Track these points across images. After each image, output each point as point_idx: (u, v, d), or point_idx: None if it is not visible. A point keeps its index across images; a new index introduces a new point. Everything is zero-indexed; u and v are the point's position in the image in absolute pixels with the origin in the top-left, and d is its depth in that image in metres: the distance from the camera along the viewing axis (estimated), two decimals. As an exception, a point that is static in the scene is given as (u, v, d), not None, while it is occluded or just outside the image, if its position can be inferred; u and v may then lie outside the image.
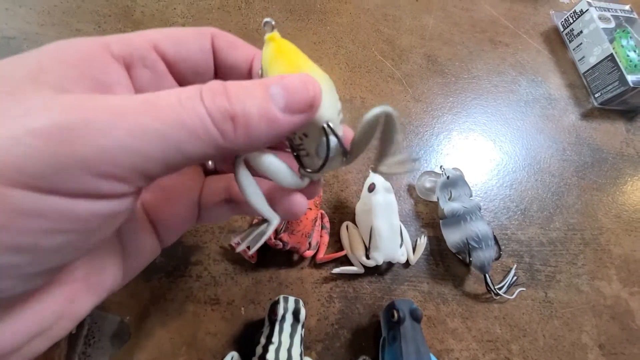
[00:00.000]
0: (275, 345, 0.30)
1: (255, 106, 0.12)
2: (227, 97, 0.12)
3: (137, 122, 0.10)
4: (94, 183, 0.10)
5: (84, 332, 0.31)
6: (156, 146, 0.10)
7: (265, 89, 0.12)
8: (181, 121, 0.11)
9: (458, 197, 0.41)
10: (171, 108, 0.11)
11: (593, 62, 0.59)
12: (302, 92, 0.13)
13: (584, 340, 0.40)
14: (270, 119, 0.12)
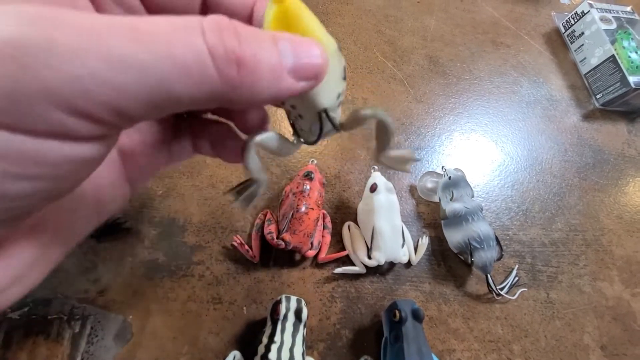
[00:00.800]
0: (277, 345, 0.30)
1: (265, 57, 0.10)
2: (236, 36, 0.10)
3: (117, 48, 0.08)
4: (63, 120, 0.08)
5: (87, 331, 0.32)
6: (138, 80, 0.09)
7: (274, 42, 0.10)
8: (172, 53, 0.09)
9: (460, 198, 0.41)
10: (162, 36, 0.09)
11: (594, 63, 0.59)
12: (312, 58, 0.11)
13: (585, 341, 0.40)
14: (278, 76, 0.11)
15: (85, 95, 0.08)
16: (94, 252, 0.35)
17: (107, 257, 0.35)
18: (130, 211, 0.38)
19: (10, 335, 0.30)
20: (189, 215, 0.39)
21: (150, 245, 0.37)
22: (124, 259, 0.36)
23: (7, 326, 0.31)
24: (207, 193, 0.40)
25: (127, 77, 0.08)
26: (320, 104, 0.14)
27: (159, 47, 0.08)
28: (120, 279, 0.35)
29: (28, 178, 0.09)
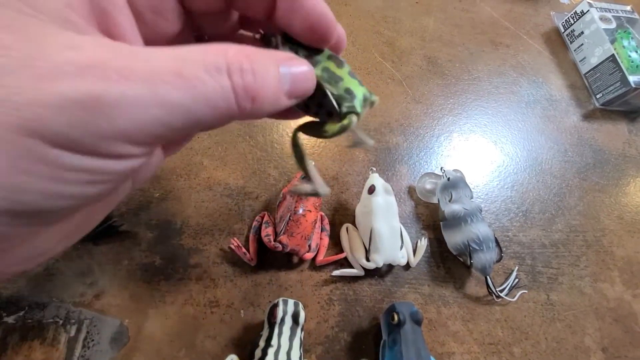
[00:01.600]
0: (274, 348, 0.29)
1: (271, 88, 0.13)
2: (253, 74, 0.13)
3: (170, 97, 0.11)
4: (128, 149, 0.12)
5: (83, 335, 0.32)
6: (182, 119, 0.12)
7: (277, 70, 0.14)
8: (207, 97, 0.12)
9: (459, 199, 0.41)
10: (199, 81, 0.12)
11: (594, 62, 0.59)
12: (304, 84, 0.15)
13: (586, 343, 0.40)
14: (277, 99, 0.14)
15: (145, 133, 0.11)
16: (90, 255, 0.35)
17: (103, 261, 0.35)
18: (127, 214, 0.38)
19: (5, 340, 0.30)
20: (186, 218, 0.39)
21: (147, 248, 0.36)
22: (120, 262, 0.35)
23: (2, 330, 0.31)
24: (204, 195, 0.40)
25: (175, 118, 0.12)
26: None
27: (199, 92, 0.12)
28: (116, 282, 0.34)
29: (101, 183, 0.12)
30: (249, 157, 0.43)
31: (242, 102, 0.12)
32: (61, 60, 0.10)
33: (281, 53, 0.15)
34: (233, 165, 0.43)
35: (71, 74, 0.10)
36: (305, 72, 0.15)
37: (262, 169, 0.43)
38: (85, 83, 0.10)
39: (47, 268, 0.34)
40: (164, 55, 0.12)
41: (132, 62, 0.11)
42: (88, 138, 0.10)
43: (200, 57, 0.12)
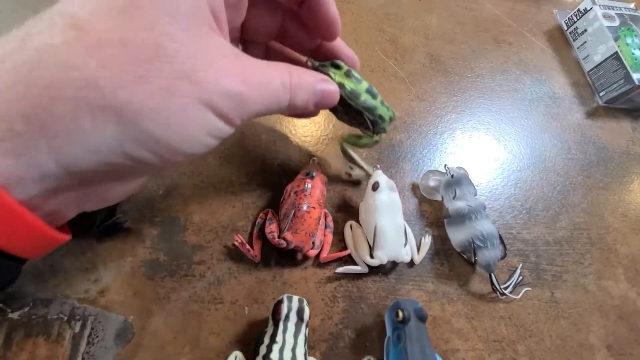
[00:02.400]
0: (279, 345, 0.29)
1: (306, 99, 0.23)
2: (300, 90, 0.23)
3: (266, 97, 0.21)
4: (240, 122, 0.21)
5: (88, 332, 0.32)
6: (265, 110, 0.21)
7: (314, 86, 0.24)
8: (279, 102, 0.22)
9: (462, 196, 0.41)
10: (277, 92, 0.22)
11: (598, 60, 0.59)
12: (329, 100, 0.25)
13: (591, 340, 0.39)
14: (306, 108, 0.24)
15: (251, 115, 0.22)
16: (94, 252, 0.35)
17: (107, 257, 0.35)
18: (131, 211, 0.38)
19: (10, 336, 0.30)
20: (190, 215, 0.39)
21: (150, 245, 0.36)
22: (124, 259, 0.35)
23: (7, 327, 0.31)
24: (208, 192, 0.40)
25: (261, 110, 0.22)
26: None
27: (274, 98, 0.22)
28: (120, 279, 0.34)
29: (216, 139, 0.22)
30: (252, 154, 0.43)
31: (289, 107, 0.23)
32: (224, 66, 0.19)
33: (320, 75, 0.25)
34: (237, 162, 0.43)
35: (232, 76, 0.19)
36: (333, 91, 0.25)
37: (265, 166, 0.43)
38: (236, 83, 0.19)
39: (52, 264, 0.34)
40: (266, 69, 0.21)
41: (255, 72, 0.21)
42: (232, 113, 0.20)
43: (279, 75, 0.22)
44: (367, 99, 0.26)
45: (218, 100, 0.18)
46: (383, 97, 0.29)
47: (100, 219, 0.35)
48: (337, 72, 0.26)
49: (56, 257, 0.34)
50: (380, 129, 0.27)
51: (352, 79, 0.25)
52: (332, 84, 0.24)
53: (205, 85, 0.18)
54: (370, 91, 0.26)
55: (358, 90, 0.25)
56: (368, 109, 0.26)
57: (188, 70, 0.17)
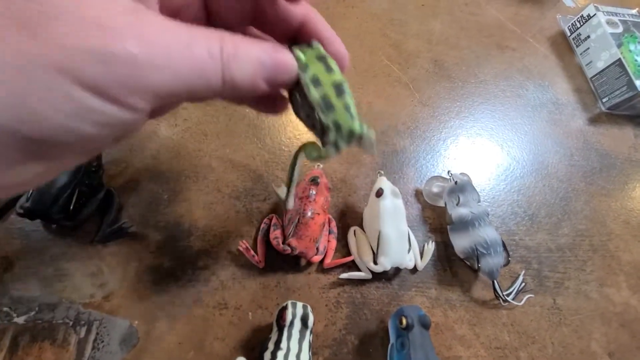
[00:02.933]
0: (283, 352, 0.29)
1: (249, 74, 0.16)
2: (235, 61, 0.15)
3: (182, 67, 0.14)
4: (139, 103, 0.14)
5: (93, 336, 0.32)
6: (184, 87, 0.14)
7: (257, 56, 0.16)
8: (207, 76, 0.15)
9: (466, 203, 0.41)
10: (203, 61, 0.14)
11: (600, 66, 0.59)
12: (284, 73, 0.17)
13: (593, 348, 0.40)
14: (253, 85, 0.16)
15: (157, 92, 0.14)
16: (100, 257, 0.35)
17: (112, 262, 0.35)
18: (136, 216, 0.38)
19: (16, 341, 0.30)
20: (195, 220, 0.39)
21: (155, 250, 0.37)
22: (129, 264, 0.35)
23: (13, 331, 0.31)
24: (213, 197, 0.40)
25: (181, 86, 0.14)
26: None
27: (201, 71, 0.14)
28: (126, 283, 0.35)
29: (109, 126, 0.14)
30: (257, 159, 0.44)
31: (227, 84, 0.15)
32: (102, 16, 0.12)
33: (269, 44, 0.17)
34: (241, 167, 0.43)
35: (110, 31, 0.12)
36: (287, 62, 0.17)
37: (269, 172, 0.43)
38: (124, 41, 0.12)
39: (57, 269, 0.34)
40: (183, 32, 0.14)
41: (162, 32, 0.14)
42: (115, 87, 0.13)
43: (205, 41, 0.15)
44: (327, 94, 0.18)
45: (82, 65, 0.11)
46: (387, 103, 0.25)
47: (106, 224, 0.36)
48: (307, 52, 0.18)
49: (62, 263, 0.34)
50: (330, 140, 0.18)
51: (321, 64, 0.18)
52: (286, 53, 0.17)
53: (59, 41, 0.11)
54: (338, 87, 0.18)
55: (321, 80, 0.18)
56: (323, 107, 0.18)
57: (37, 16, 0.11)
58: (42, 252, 0.35)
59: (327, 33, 0.20)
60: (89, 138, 0.14)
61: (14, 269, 0.34)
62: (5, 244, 0.34)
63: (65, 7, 0.12)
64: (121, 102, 0.13)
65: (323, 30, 0.20)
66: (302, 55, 0.18)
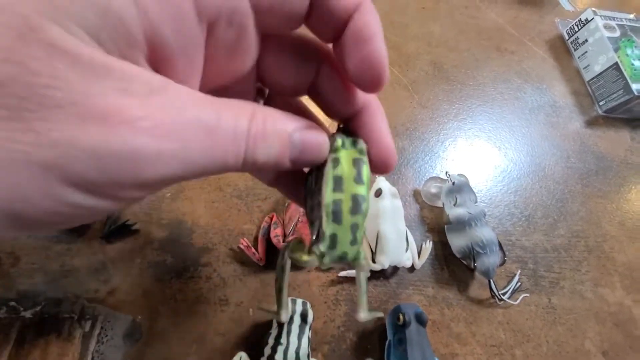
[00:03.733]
0: (283, 346, 0.30)
1: (275, 153, 0.14)
2: (263, 139, 0.13)
3: (196, 156, 0.12)
4: (136, 194, 0.12)
5: (97, 331, 0.32)
6: (195, 173, 0.12)
7: (290, 133, 0.14)
8: (225, 158, 0.12)
9: (463, 203, 0.42)
10: (225, 144, 0.12)
11: (598, 70, 0.60)
12: (314, 153, 0.15)
13: (587, 346, 0.40)
14: (279, 164, 0.14)
15: (160, 182, 0.12)
16: (104, 253, 0.36)
17: (116, 258, 0.36)
18: (139, 213, 0.39)
19: (23, 334, 0.31)
20: (197, 218, 0.40)
21: (158, 247, 0.37)
22: (133, 260, 0.36)
23: (20, 325, 0.31)
24: (215, 196, 0.41)
25: (189, 172, 0.12)
26: None
27: (218, 154, 0.12)
28: (129, 279, 0.35)
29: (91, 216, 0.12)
30: (258, 159, 0.44)
31: (246, 165, 0.13)
32: (110, 104, 0.10)
33: (305, 120, 0.15)
34: (242, 166, 0.43)
35: (116, 123, 0.10)
36: (319, 143, 0.15)
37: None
38: (126, 135, 0.11)
39: (63, 265, 0.35)
40: (205, 110, 0.12)
41: (177, 117, 0.11)
42: (109, 185, 0.11)
43: (233, 119, 0.12)
44: (341, 202, 0.15)
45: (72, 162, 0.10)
46: (386, 105, 0.25)
47: (110, 222, 0.36)
48: (348, 150, 0.16)
49: (67, 258, 0.35)
50: (318, 251, 0.16)
51: (354, 168, 0.15)
52: (321, 134, 0.15)
53: (52, 135, 0.10)
54: (357, 203, 0.15)
55: (344, 184, 0.15)
56: (329, 214, 0.15)
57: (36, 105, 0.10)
58: (47, 248, 0.35)
59: (380, 133, 0.17)
60: (75, 221, 0.13)
61: (20, 264, 0.34)
62: (11, 240, 0.35)
63: (73, 95, 0.10)
64: (111, 197, 0.12)
65: (377, 128, 0.17)
66: (340, 146, 0.16)
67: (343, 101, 0.17)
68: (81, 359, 0.31)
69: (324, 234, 0.15)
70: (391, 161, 0.17)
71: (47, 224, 0.12)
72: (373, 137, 0.17)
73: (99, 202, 0.11)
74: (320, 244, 0.16)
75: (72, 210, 0.11)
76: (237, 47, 0.15)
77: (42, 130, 0.10)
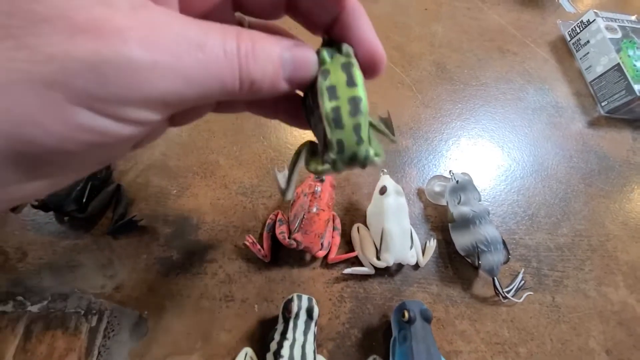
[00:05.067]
0: (289, 342, 0.30)
1: (269, 73, 0.14)
2: (254, 59, 0.13)
3: (194, 70, 0.12)
4: (143, 115, 0.12)
5: (104, 326, 0.33)
6: (197, 92, 0.12)
7: (279, 53, 0.14)
8: (222, 77, 0.13)
9: (467, 201, 0.42)
10: (217, 62, 0.12)
11: (600, 71, 0.60)
12: (305, 69, 0.15)
13: (591, 345, 0.40)
14: (275, 85, 0.14)
15: (164, 101, 0.12)
16: (111, 249, 0.36)
17: (123, 254, 0.36)
18: (146, 210, 0.39)
19: (30, 329, 0.31)
20: (202, 215, 0.40)
21: (164, 243, 0.38)
22: (139, 256, 0.36)
23: (27, 320, 0.32)
24: (220, 193, 0.41)
25: (192, 91, 0.12)
26: None
27: (216, 71, 0.12)
28: (135, 275, 0.36)
29: (108, 146, 0.12)
30: (262, 156, 0.45)
31: (245, 85, 0.13)
32: (97, 16, 0.10)
33: (290, 40, 0.15)
34: (247, 164, 0.44)
35: (106, 33, 0.10)
36: (308, 59, 0.15)
37: (276, 168, 0.44)
38: (120, 45, 0.10)
39: (70, 260, 0.35)
40: (194, 28, 0.12)
41: (170, 30, 0.12)
42: (111, 99, 0.11)
43: (220, 38, 0.13)
44: (340, 109, 0.15)
45: (73, 77, 0.10)
46: (390, 104, 0.24)
47: (117, 217, 0.37)
48: (335, 56, 0.16)
49: (74, 254, 0.35)
50: (329, 159, 0.16)
51: (344, 73, 0.15)
52: (307, 50, 0.15)
53: (48, 49, 0.10)
54: (355, 104, 0.15)
55: (338, 91, 0.15)
56: (331, 122, 0.15)
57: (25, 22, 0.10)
58: (54, 243, 0.36)
59: (363, 31, 0.17)
60: (90, 154, 0.12)
61: (28, 259, 0.35)
62: (19, 236, 0.35)
63: (58, 9, 0.10)
64: (120, 117, 0.11)
65: (360, 27, 0.17)
66: (327, 58, 0.16)
67: (322, 5, 0.17)
68: (87, 353, 0.31)
69: (330, 142, 0.16)
70: (378, 57, 0.17)
71: (60, 157, 0.11)
72: (357, 37, 0.17)
73: (110, 124, 0.11)
74: (330, 152, 0.16)
75: (85, 136, 0.11)
76: None
77: (35, 45, 0.10)
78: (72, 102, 0.10)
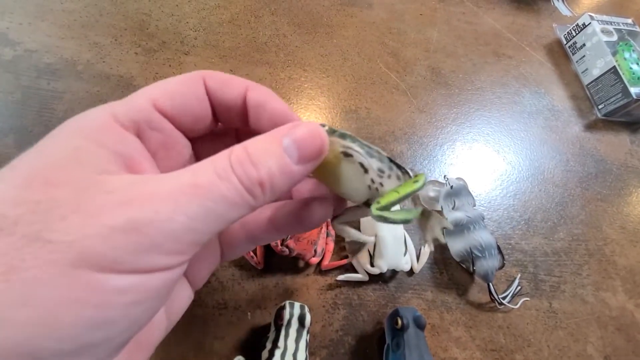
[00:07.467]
0: (281, 350, 0.30)
1: (276, 166, 0.14)
2: (252, 164, 0.13)
3: (194, 205, 0.12)
4: (163, 259, 0.13)
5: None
6: (209, 222, 0.13)
7: (279, 143, 0.14)
8: (223, 196, 0.13)
9: (461, 207, 0.42)
10: (214, 185, 0.13)
11: (596, 74, 0.60)
12: (311, 143, 0.15)
13: (589, 351, 0.40)
14: (288, 173, 0.14)
15: (178, 242, 0.13)
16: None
17: (116, 262, 0.36)
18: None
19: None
20: (196, 222, 0.40)
21: (157, 251, 0.38)
22: (132, 264, 0.36)
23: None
24: (214, 200, 0.41)
25: (202, 222, 0.13)
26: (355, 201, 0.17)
27: (216, 194, 0.13)
28: (128, 283, 0.36)
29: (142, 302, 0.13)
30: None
31: (252, 190, 0.13)
32: (102, 202, 0.12)
33: (284, 126, 0.15)
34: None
35: (110, 209, 0.12)
36: (307, 133, 0.15)
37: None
38: (122, 213, 0.12)
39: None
40: (181, 175, 0.13)
41: (156, 187, 0.13)
42: (128, 256, 0.12)
43: (210, 166, 0.13)
44: None
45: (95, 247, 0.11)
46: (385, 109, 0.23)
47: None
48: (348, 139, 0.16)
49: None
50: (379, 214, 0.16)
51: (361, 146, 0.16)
52: (307, 125, 0.15)
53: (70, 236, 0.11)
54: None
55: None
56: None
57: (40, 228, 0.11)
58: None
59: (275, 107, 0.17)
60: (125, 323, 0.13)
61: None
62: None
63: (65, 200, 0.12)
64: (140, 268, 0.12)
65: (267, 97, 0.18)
66: (326, 127, 0.16)
67: None
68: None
69: None
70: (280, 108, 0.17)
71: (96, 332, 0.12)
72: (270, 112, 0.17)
73: (134, 278, 0.12)
74: None
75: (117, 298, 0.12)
76: (169, 142, 0.17)
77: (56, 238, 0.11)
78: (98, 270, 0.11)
